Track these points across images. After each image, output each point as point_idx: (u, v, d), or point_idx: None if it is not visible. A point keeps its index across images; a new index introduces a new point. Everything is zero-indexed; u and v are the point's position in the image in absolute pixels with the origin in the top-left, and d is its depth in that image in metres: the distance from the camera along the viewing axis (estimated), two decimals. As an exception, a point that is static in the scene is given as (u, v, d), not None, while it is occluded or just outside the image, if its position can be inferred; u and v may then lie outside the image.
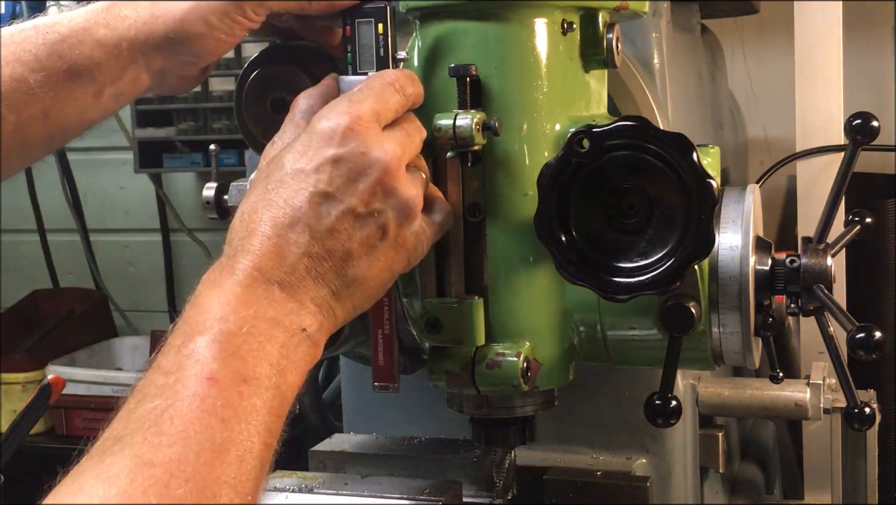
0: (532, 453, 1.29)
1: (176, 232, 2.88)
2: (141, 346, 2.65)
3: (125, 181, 2.92)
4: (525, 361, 1.00)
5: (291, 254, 0.85)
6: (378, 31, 0.98)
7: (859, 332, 1.02)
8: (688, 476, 1.32)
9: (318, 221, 0.86)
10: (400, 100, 0.93)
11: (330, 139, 0.88)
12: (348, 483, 1.22)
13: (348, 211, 0.87)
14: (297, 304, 0.84)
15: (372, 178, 0.88)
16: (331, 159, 0.87)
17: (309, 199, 0.86)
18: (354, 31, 0.98)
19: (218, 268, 0.85)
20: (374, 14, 0.98)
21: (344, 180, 0.87)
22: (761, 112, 2.29)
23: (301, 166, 0.87)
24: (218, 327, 0.79)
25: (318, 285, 0.86)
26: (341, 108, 0.90)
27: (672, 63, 1.32)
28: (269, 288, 0.83)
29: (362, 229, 0.88)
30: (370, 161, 0.88)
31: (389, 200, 0.89)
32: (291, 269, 0.84)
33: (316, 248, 0.85)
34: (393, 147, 0.89)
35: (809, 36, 1.66)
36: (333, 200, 0.87)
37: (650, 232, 0.96)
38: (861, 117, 1.12)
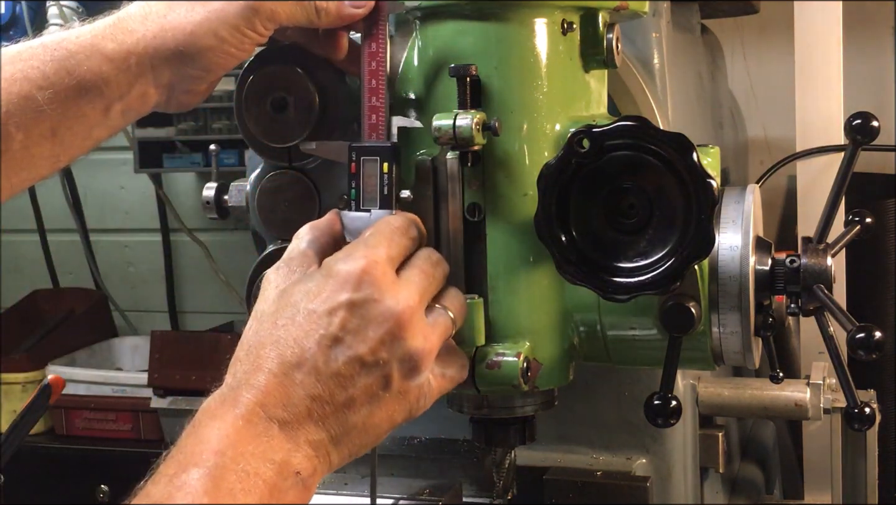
0: (532, 453, 1.29)
1: (176, 232, 2.88)
2: (141, 346, 2.65)
3: (125, 181, 2.92)
4: (525, 361, 1.00)
5: (295, 394, 0.85)
6: (383, 169, 0.99)
7: (859, 332, 1.02)
8: (688, 476, 1.32)
9: (325, 365, 0.86)
10: (409, 243, 0.94)
11: (345, 283, 0.88)
12: (348, 483, 1.22)
13: (356, 358, 0.87)
14: (294, 445, 0.84)
15: (384, 328, 0.88)
16: (344, 304, 0.87)
17: (319, 341, 0.86)
18: (360, 167, 0.99)
19: (220, 398, 0.85)
20: (380, 153, 0.99)
21: (355, 326, 0.87)
22: (761, 112, 2.29)
23: (314, 307, 0.87)
24: (213, 461, 0.80)
25: (318, 428, 0.86)
26: (358, 253, 0.90)
27: (672, 63, 1.32)
28: (269, 426, 0.84)
29: (367, 377, 0.88)
30: (383, 309, 0.88)
31: (397, 352, 0.88)
32: (293, 408, 0.85)
33: (320, 390, 0.86)
34: (407, 296, 0.89)
35: (809, 36, 1.66)
36: (342, 345, 0.87)
37: (650, 232, 0.96)
38: (861, 117, 1.12)
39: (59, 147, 0.98)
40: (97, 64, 0.97)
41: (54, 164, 1.00)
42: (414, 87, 1.06)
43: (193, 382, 2.18)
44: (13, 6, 2.34)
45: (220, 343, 2.25)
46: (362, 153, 1.00)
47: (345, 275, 0.88)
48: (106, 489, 2.21)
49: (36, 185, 2.88)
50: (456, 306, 0.95)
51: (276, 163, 1.11)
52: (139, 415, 2.29)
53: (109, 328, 2.85)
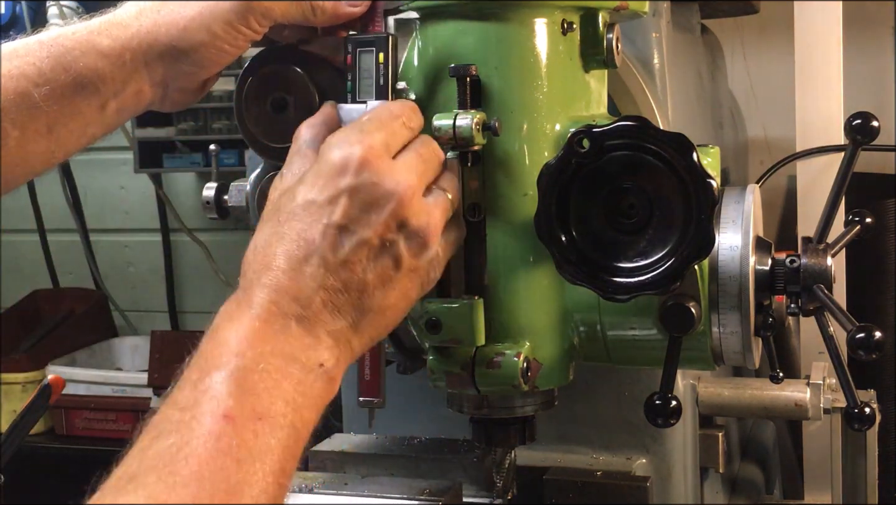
0: (532, 453, 1.29)
1: (176, 232, 2.88)
2: (141, 346, 2.65)
3: (125, 181, 2.92)
4: (525, 361, 1.00)
5: (307, 287, 0.85)
6: (379, 60, 0.98)
7: (859, 332, 1.02)
8: (688, 476, 1.32)
9: (332, 254, 0.86)
10: (406, 132, 0.94)
11: (342, 170, 0.87)
12: (348, 483, 1.22)
13: (363, 243, 0.87)
14: (314, 338, 0.84)
15: (386, 210, 0.87)
16: (344, 190, 0.87)
17: (323, 231, 0.86)
18: (355, 59, 0.99)
19: (235, 301, 0.85)
20: (375, 43, 0.99)
21: (357, 212, 0.87)
22: (761, 112, 2.29)
23: (313, 197, 0.87)
24: (234, 363, 0.79)
25: (335, 318, 0.86)
26: (353, 138, 0.89)
27: (672, 63, 1.32)
28: (287, 322, 0.83)
29: (377, 260, 0.87)
30: (383, 192, 0.87)
31: (403, 231, 0.88)
32: (308, 302, 0.84)
33: (331, 280, 0.85)
34: (406, 176, 0.89)
35: (809, 36, 1.66)
36: (347, 232, 0.86)
37: (650, 232, 0.96)
38: (861, 117, 1.12)
39: (54, 144, 0.98)
40: (93, 60, 0.97)
41: (49, 160, 1.00)
42: (414, 87, 1.06)
43: (193, 382, 2.18)
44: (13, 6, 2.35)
45: (220, 343, 2.25)
46: (358, 45, 0.99)
47: (341, 161, 0.88)
48: (106, 489, 2.20)
49: (36, 185, 2.89)
50: (452, 187, 0.95)
51: (276, 163, 1.11)
52: (139, 415, 2.28)
53: (109, 328, 2.86)
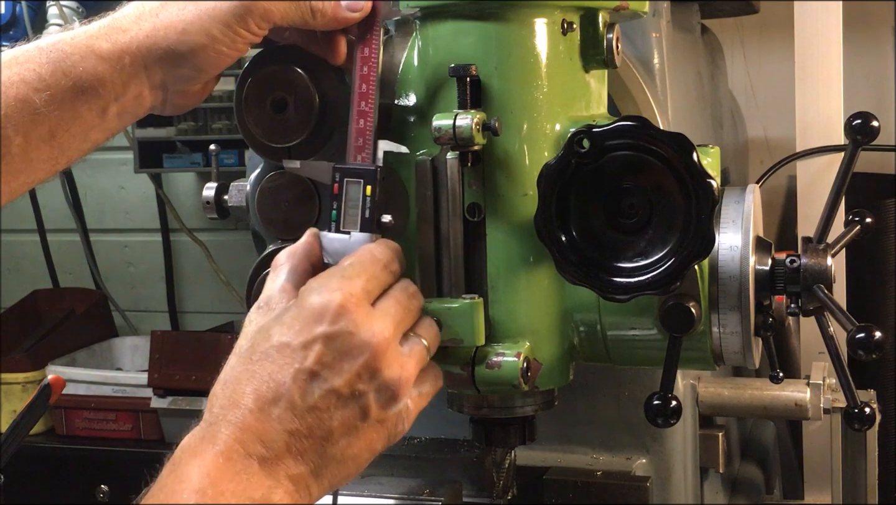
0: (532, 453, 1.29)
1: (176, 232, 2.88)
2: (141, 346, 2.65)
3: (125, 181, 2.91)
4: (525, 361, 1.00)
5: (273, 430, 0.85)
6: (366, 192, 0.98)
7: (859, 332, 1.02)
8: (688, 476, 1.32)
9: (301, 399, 0.86)
10: (388, 277, 0.94)
11: (320, 316, 0.88)
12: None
13: (332, 391, 0.87)
14: (275, 481, 0.84)
15: (359, 360, 0.87)
16: (319, 337, 0.87)
17: (294, 375, 0.86)
18: (342, 188, 0.99)
19: (199, 435, 0.85)
20: (363, 175, 0.98)
21: (331, 359, 0.87)
22: (761, 112, 2.29)
23: (288, 340, 0.87)
24: (195, 500, 0.80)
25: (297, 463, 0.86)
26: (333, 284, 0.89)
27: (672, 63, 1.32)
28: (249, 463, 0.83)
29: (344, 410, 0.87)
30: (358, 342, 0.88)
31: (373, 383, 0.88)
32: (272, 444, 0.85)
33: (297, 424, 0.86)
34: (382, 326, 0.89)
35: (809, 36, 1.66)
36: (318, 379, 0.86)
37: (650, 232, 0.96)
38: (861, 117, 1.12)
39: (57, 150, 0.98)
40: (92, 65, 0.96)
41: (53, 167, 0.99)
42: (414, 87, 1.06)
43: (193, 382, 2.18)
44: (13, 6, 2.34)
45: (220, 343, 2.25)
46: (346, 174, 0.99)
47: (319, 308, 0.88)
48: (106, 489, 2.21)
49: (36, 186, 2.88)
50: (430, 335, 0.96)
51: (276, 163, 1.11)
52: (139, 415, 2.29)
53: (109, 328, 2.85)
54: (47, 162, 0.98)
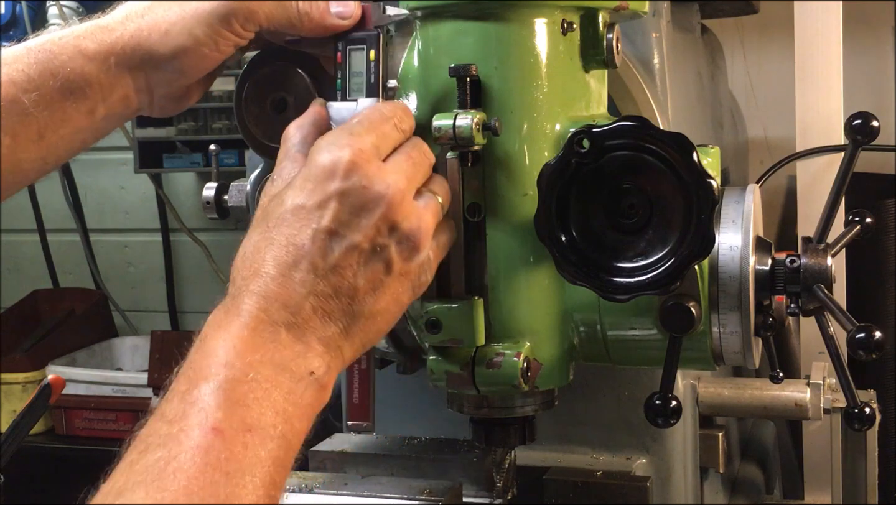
0: (532, 453, 1.29)
1: (176, 232, 2.88)
2: (141, 346, 2.65)
3: (125, 181, 2.92)
4: (525, 361, 1.00)
5: (297, 294, 0.83)
6: (370, 57, 0.97)
7: (859, 332, 1.02)
8: (688, 476, 1.32)
9: (322, 259, 0.84)
10: (397, 135, 0.92)
11: (332, 174, 0.86)
12: (348, 483, 1.22)
13: (353, 247, 0.85)
14: (304, 346, 0.83)
15: (376, 214, 0.86)
16: (333, 194, 0.86)
17: (312, 236, 0.85)
18: (346, 57, 0.98)
19: (223, 309, 0.84)
20: (366, 41, 0.98)
21: (347, 216, 0.86)
22: (761, 112, 2.29)
23: (302, 202, 0.86)
24: (223, 374, 0.78)
25: (326, 324, 0.84)
26: (342, 141, 0.88)
27: (672, 63, 1.32)
28: (276, 330, 0.82)
29: (367, 265, 0.86)
30: (373, 195, 0.86)
31: (393, 235, 0.87)
32: (297, 309, 0.83)
33: (321, 286, 0.84)
34: (396, 179, 0.88)
35: (809, 36, 1.66)
36: (337, 237, 0.85)
37: (650, 232, 0.96)
38: (861, 117, 1.12)
39: (46, 150, 0.97)
40: (80, 65, 0.96)
41: (42, 168, 0.99)
42: (414, 87, 1.06)
43: (193, 382, 2.18)
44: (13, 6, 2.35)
45: (220, 343, 2.24)
46: (349, 43, 0.98)
47: (330, 165, 0.86)
48: (106, 489, 2.20)
49: (36, 185, 2.89)
50: (443, 190, 0.95)
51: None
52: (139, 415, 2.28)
53: (109, 328, 2.85)
54: (37, 162, 0.98)
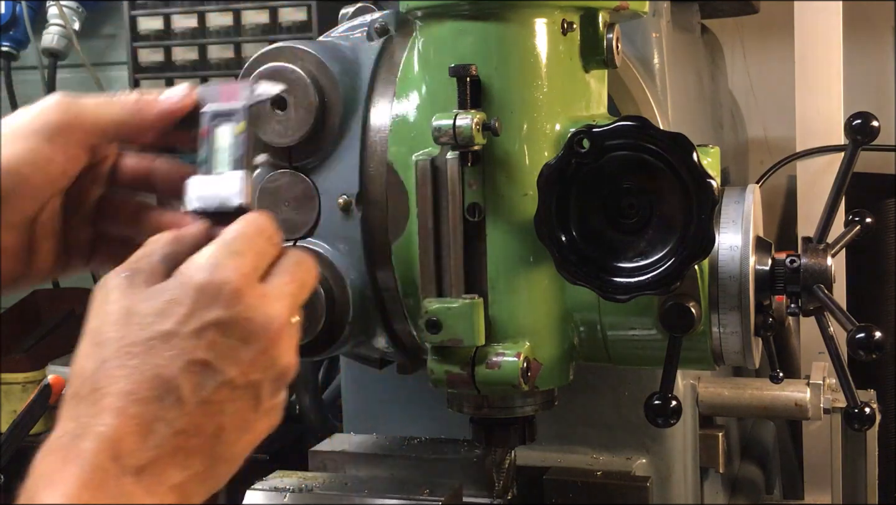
0: (532, 453, 1.29)
1: (176, 232, 2.88)
2: (141, 346, 2.65)
3: (125, 181, 2.91)
4: (525, 361, 1.00)
5: (157, 432, 0.73)
6: (238, 130, 0.90)
7: (859, 332, 1.02)
8: (688, 476, 1.32)
9: (192, 393, 0.74)
10: (273, 249, 0.83)
11: (213, 299, 0.76)
12: (348, 483, 1.22)
13: (226, 382, 0.76)
14: (154, 497, 0.72)
15: (255, 348, 0.77)
16: (212, 323, 0.76)
17: (184, 367, 0.74)
18: (211, 131, 0.91)
19: (59, 452, 0.71)
20: (233, 114, 0.91)
21: (226, 348, 0.76)
22: (761, 112, 2.29)
23: (175, 328, 0.75)
24: None
25: (183, 468, 0.74)
26: (225, 262, 0.78)
27: (672, 63, 1.32)
28: (121, 482, 0.70)
29: (238, 402, 0.77)
30: (255, 328, 0.77)
31: (269, 371, 0.79)
32: (155, 449, 0.72)
33: (184, 423, 0.74)
34: (280, 310, 0.79)
35: (809, 36, 1.66)
36: (211, 370, 0.75)
37: (650, 232, 0.96)
38: (861, 117, 1.12)
39: None
40: None
41: None
42: (414, 87, 1.06)
43: (193, 382, 2.18)
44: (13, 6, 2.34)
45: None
46: (215, 116, 0.91)
47: (211, 289, 0.77)
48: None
49: None
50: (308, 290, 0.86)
51: (277, 163, 1.11)
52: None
53: (109, 328, 2.85)
54: None
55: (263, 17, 2.02)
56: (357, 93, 1.09)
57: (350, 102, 1.09)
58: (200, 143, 0.90)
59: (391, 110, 1.08)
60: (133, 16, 2.07)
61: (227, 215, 0.85)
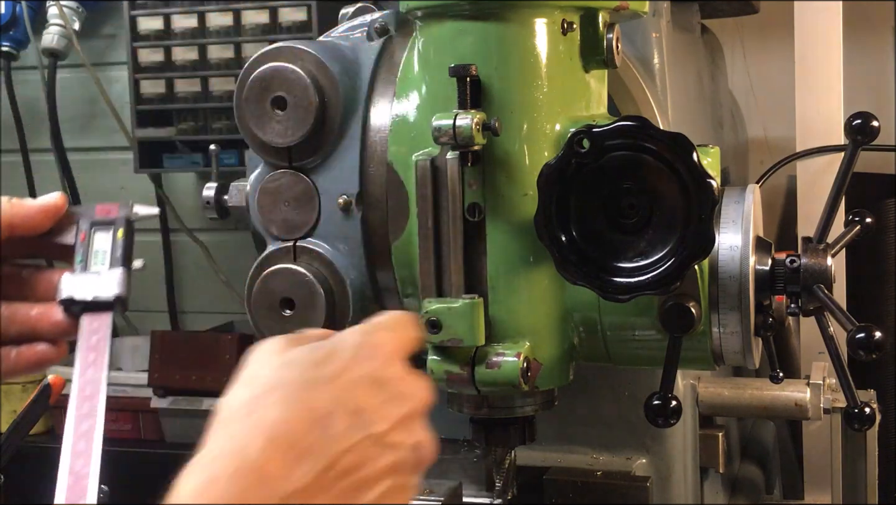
0: (532, 453, 1.29)
1: (176, 232, 2.88)
2: (141, 346, 2.65)
3: (125, 181, 2.91)
4: (525, 361, 1.00)
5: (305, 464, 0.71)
6: (118, 236, 0.96)
7: (859, 332, 1.02)
8: (688, 476, 1.32)
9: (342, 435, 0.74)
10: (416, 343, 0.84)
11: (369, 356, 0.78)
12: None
13: (374, 435, 0.75)
14: None
15: (404, 409, 0.77)
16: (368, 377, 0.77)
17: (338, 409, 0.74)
18: (89, 236, 0.96)
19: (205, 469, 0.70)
20: (114, 222, 0.97)
21: (378, 402, 0.76)
22: (761, 112, 2.29)
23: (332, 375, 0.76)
24: None
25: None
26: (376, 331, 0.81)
27: (672, 63, 1.33)
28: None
29: (379, 460, 0.75)
30: (406, 391, 0.78)
31: (411, 437, 0.78)
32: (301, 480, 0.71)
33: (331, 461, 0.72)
34: (425, 386, 0.80)
35: (809, 36, 1.66)
36: (362, 418, 0.75)
37: (650, 232, 0.96)
38: (861, 117, 1.12)
39: None
40: None
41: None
42: (414, 87, 1.06)
43: (193, 382, 2.18)
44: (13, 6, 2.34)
45: (220, 343, 2.25)
46: (94, 224, 0.97)
47: (368, 349, 0.79)
48: (106, 489, 2.20)
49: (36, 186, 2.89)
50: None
51: (277, 163, 1.11)
52: (139, 415, 2.29)
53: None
54: None
55: (263, 17, 2.02)
56: (357, 93, 1.09)
57: (350, 102, 1.09)
58: (78, 246, 0.96)
59: (391, 110, 1.08)
60: (133, 16, 2.07)
61: (102, 305, 0.94)
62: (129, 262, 0.96)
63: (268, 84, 1.08)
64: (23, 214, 0.96)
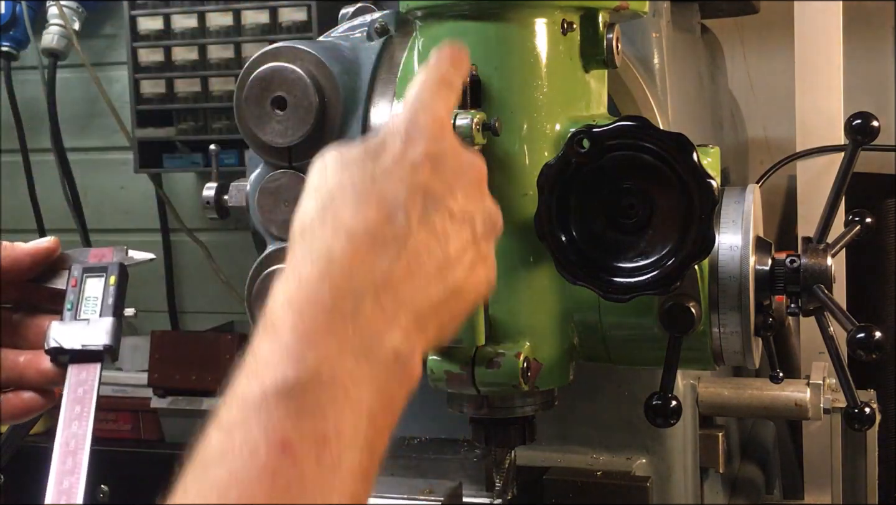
0: (532, 453, 1.29)
1: (176, 232, 2.88)
2: (141, 346, 2.65)
3: (125, 181, 2.91)
4: (525, 361, 1.00)
5: (390, 250, 0.72)
6: (110, 282, 0.96)
7: (859, 332, 1.02)
8: (688, 476, 1.32)
9: (419, 219, 0.74)
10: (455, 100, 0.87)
11: (421, 136, 0.79)
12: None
13: (447, 210, 0.76)
14: (389, 319, 0.70)
15: (467, 179, 0.79)
16: (425, 155, 0.77)
17: (408, 194, 0.75)
18: (80, 282, 0.96)
19: (294, 277, 0.70)
20: (107, 269, 0.97)
21: (441, 177, 0.77)
22: (761, 112, 2.29)
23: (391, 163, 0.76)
24: (292, 373, 0.64)
25: (416, 290, 0.73)
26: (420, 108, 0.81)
27: (672, 63, 1.32)
28: (359, 303, 0.69)
29: (459, 234, 0.77)
30: (464, 161, 0.80)
31: (480, 205, 0.80)
32: (388, 271, 0.71)
33: (415, 243, 0.73)
34: (478, 155, 0.83)
35: (809, 36, 1.66)
36: (432, 197, 0.76)
37: (650, 232, 0.96)
38: (861, 117, 1.12)
39: None
40: None
41: None
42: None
43: (193, 382, 2.18)
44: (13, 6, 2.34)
45: (220, 343, 2.25)
46: (86, 270, 0.97)
47: (418, 129, 0.79)
48: (106, 489, 2.21)
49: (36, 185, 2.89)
50: None
51: (277, 163, 1.11)
52: (139, 415, 2.29)
53: (109, 328, 2.85)
54: None
55: (263, 17, 2.02)
56: (357, 93, 1.10)
57: (350, 102, 1.09)
58: (69, 292, 0.95)
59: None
60: (133, 16, 2.07)
61: (90, 356, 0.93)
62: (121, 310, 0.95)
63: (268, 84, 1.08)
64: (12, 258, 0.96)
